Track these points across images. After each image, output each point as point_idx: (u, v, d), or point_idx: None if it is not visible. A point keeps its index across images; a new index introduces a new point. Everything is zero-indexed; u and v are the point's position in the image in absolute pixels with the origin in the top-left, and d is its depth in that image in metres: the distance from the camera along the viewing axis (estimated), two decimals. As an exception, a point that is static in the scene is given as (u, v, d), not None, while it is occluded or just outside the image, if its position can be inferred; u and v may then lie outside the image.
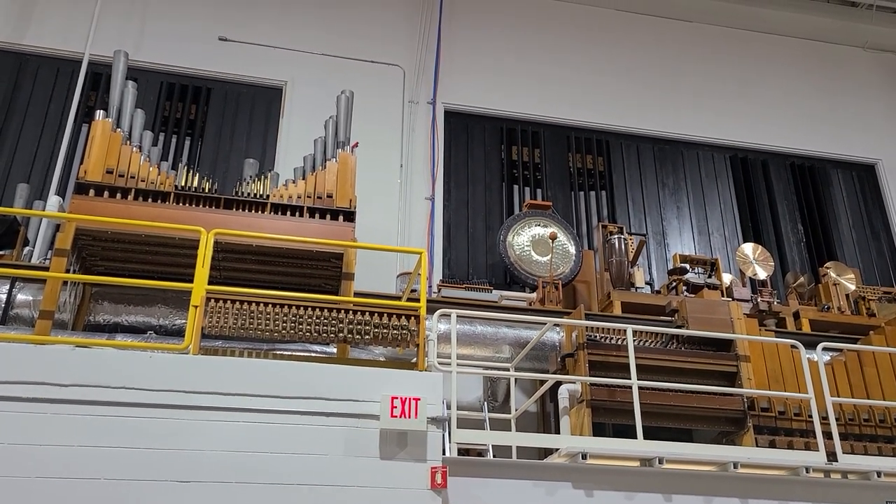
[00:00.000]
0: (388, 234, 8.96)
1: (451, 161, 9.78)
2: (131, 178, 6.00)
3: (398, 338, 5.12)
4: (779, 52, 11.81)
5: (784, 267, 10.14)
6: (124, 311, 6.29)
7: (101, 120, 6.12)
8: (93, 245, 6.06)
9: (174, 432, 4.45)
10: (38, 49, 9.11)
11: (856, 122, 11.53)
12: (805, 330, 7.89)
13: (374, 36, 10.24)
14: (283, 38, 9.90)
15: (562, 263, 8.43)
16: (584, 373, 5.98)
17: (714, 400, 6.05)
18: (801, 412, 6.20)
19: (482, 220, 9.52)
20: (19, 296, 6.09)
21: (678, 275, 8.13)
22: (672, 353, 6.28)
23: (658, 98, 10.87)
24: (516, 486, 4.92)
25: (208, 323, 4.89)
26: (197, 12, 9.81)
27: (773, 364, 6.41)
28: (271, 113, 9.53)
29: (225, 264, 6.33)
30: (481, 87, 10.27)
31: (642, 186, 10.30)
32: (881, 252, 10.67)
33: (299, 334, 5.00)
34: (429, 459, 4.70)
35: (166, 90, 9.33)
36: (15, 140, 8.64)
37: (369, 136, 9.50)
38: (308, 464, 4.53)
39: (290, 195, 6.29)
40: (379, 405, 4.74)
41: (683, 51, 11.39)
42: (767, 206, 10.64)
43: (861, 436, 6.27)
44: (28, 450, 4.25)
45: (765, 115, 11.17)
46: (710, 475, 5.30)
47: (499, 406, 7.22)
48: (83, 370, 4.48)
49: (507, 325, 6.91)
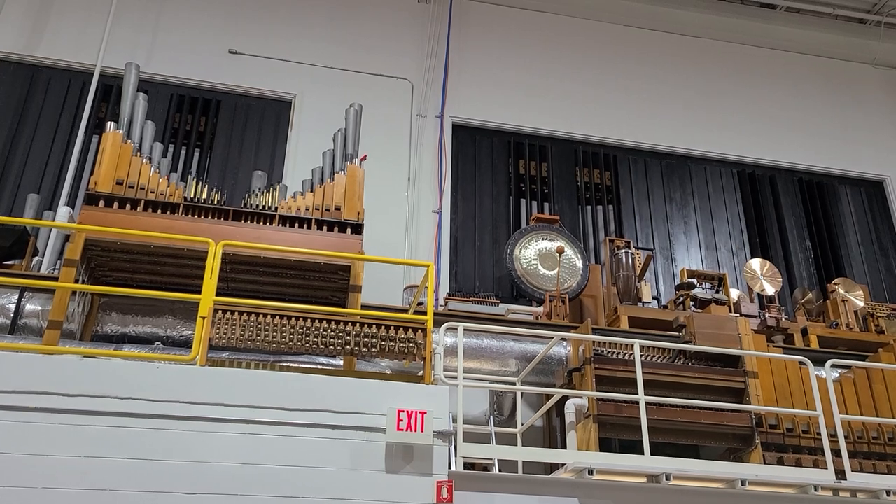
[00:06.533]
0: (395, 247, 8.98)
1: (458, 174, 9.80)
2: (141, 190, 6.04)
3: (405, 351, 5.12)
4: (787, 68, 11.82)
5: (792, 283, 10.10)
6: (132, 321, 6.31)
7: (112, 131, 6.17)
8: (102, 256, 6.09)
9: (180, 443, 4.45)
10: (50, 61, 9.19)
11: (864, 138, 11.51)
12: (813, 346, 7.85)
13: (383, 49, 10.30)
14: (293, 51, 9.97)
15: (569, 277, 8.42)
16: (591, 388, 5.96)
17: (722, 416, 6.02)
18: (809, 429, 6.16)
19: (489, 233, 9.53)
20: (28, 306, 6.12)
21: (686, 290, 8.11)
22: (679, 369, 6.26)
23: (666, 113, 10.88)
24: (522, 501, 4.89)
25: (215, 334, 4.90)
26: (208, 25, 9.89)
27: (781, 380, 6.38)
28: (280, 125, 9.58)
29: (233, 276, 6.36)
30: (489, 100, 10.31)
31: (650, 201, 10.29)
32: (889, 269, 10.62)
33: (306, 346, 5.01)
34: (435, 473, 4.70)
35: (176, 102, 9.40)
36: (26, 151, 8.71)
37: (377, 149, 9.54)
38: (314, 476, 4.53)
39: (299, 207, 6.32)
40: (385, 418, 4.74)
41: (691, 66, 11.41)
42: (775, 221, 10.61)
43: (870, 454, 6.23)
44: (35, 460, 4.26)
45: (773, 131, 11.17)
46: (717, 492, 5.27)
47: (505, 420, 7.20)
48: (90, 380, 4.49)
49: (514, 338, 6.90)
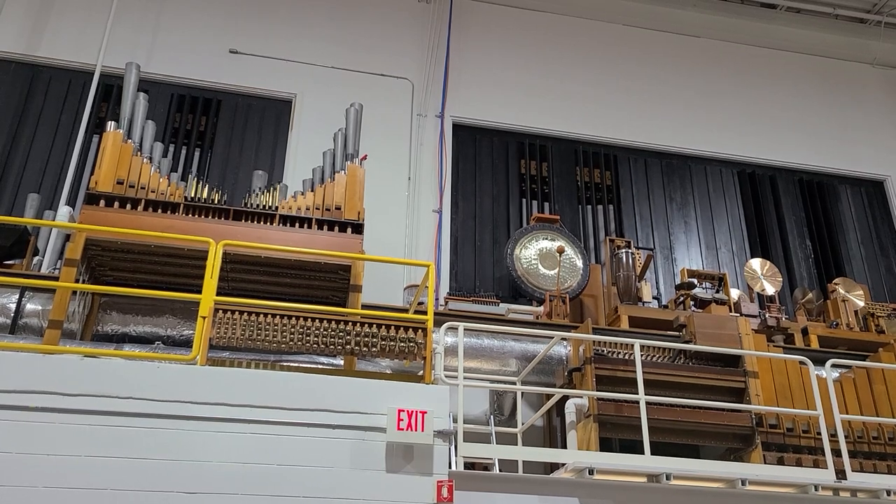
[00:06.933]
0: (395, 247, 8.98)
1: (458, 174, 9.80)
2: (141, 189, 6.04)
3: (405, 350, 5.12)
4: (787, 68, 11.82)
5: (792, 283, 10.10)
6: (132, 321, 6.32)
7: (113, 131, 6.17)
8: (102, 255, 6.10)
9: (181, 443, 4.45)
10: (50, 61, 9.19)
11: (864, 138, 11.51)
12: (813, 346, 7.85)
13: (384, 49, 10.30)
14: (294, 51, 9.97)
15: (569, 277, 8.42)
16: (592, 387, 5.96)
17: (722, 416, 6.02)
18: (809, 429, 6.16)
19: (489, 233, 9.53)
20: (29, 305, 6.12)
21: (686, 290, 8.11)
22: (679, 369, 6.26)
23: (666, 113, 10.88)
24: (522, 501, 4.89)
25: (216, 334, 4.90)
26: (208, 25, 9.89)
27: (782, 380, 6.38)
28: (281, 125, 9.58)
29: (233, 275, 6.36)
30: (490, 100, 10.31)
31: (650, 201, 10.29)
32: (890, 268, 10.62)
33: (306, 346, 5.01)
34: (435, 473, 4.70)
35: (177, 102, 9.40)
36: (27, 150, 8.71)
37: (378, 149, 9.54)
38: (314, 476, 4.53)
39: (299, 207, 6.32)
40: (385, 418, 4.74)
41: (691, 66, 11.41)
42: (776, 221, 10.61)
43: (870, 453, 6.23)
44: (35, 459, 4.26)
45: (773, 131, 11.17)
46: (717, 492, 5.27)
47: (505, 420, 7.20)
48: (91, 380, 4.49)
49: (514, 338, 6.90)
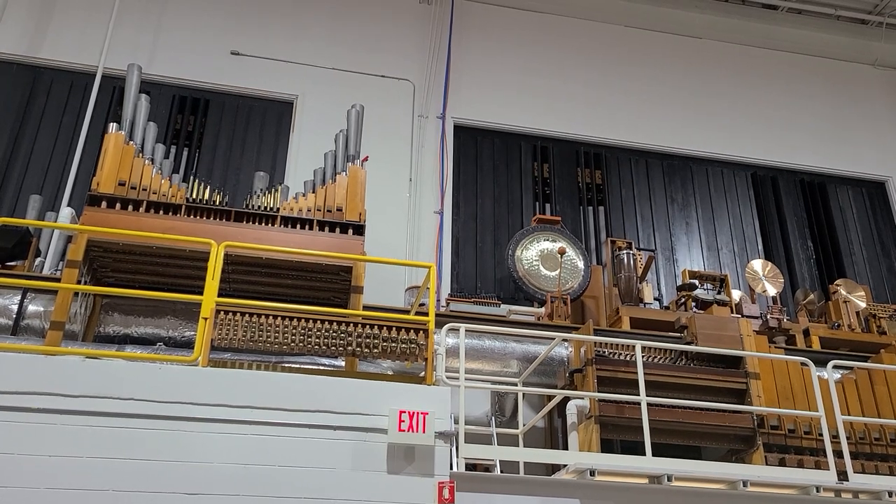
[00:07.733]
0: (396, 248, 8.98)
1: (459, 175, 9.81)
2: (143, 191, 6.05)
3: (407, 352, 5.12)
4: (788, 69, 11.82)
5: (794, 284, 10.09)
6: (134, 322, 6.32)
7: (114, 133, 6.18)
8: (104, 256, 6.10)
9: (182, 444, 4.46)
10: (52, 62, 9.21)
11: (866, 139, 11.51)
12: (815, 347, 7.85)
13: (385, 50, 10.31)
14: (295, 52, 9.98)
15: (570, 278, 8.42)
16: (593, 388, 5.96)
17: (723, 417, 6.02)
18: (811, 430, 6.16)
19: (491, 234, 9.54)
20: (30, 306, 6.13)
21: (687, 291, 8.11)
22: (681, 370, 6.26)
23: (667, 114, 10.88)
24: (524, 502, 4.89)
25: (218, 335, 4.91)
26: (209, 27, 9.90)
27: (783, 381, 6.38)
28: (282, 126, 9.59)
29: (235, 277, 6.36)
30: (491, 101, 10.31)
31: (651, 202, 10.29)
32: (891, 269, 10.61)
33: (308, 347, 5.01)
34: (436, 474, 4.70)
35: (178, 103, 9.41)
36: (28, 152, 8.72)
37: (379, 150, 9.55)
38: (315, 477, 4.53)
39: (300, 208, 6.33)
40: (387, 419, 4.74)
41: (692, 67, 11.41)
42: (777, 222, 10.61)
43: (872, 455, 6.23)
44: (37, 460, 4.27)
45: (775, 132, 11.17)
46: (719, 493, 5.27)
47: (506, 421, 7.19)
48: (93, 381, 4.50)
49: (516, 339, 6.90)
